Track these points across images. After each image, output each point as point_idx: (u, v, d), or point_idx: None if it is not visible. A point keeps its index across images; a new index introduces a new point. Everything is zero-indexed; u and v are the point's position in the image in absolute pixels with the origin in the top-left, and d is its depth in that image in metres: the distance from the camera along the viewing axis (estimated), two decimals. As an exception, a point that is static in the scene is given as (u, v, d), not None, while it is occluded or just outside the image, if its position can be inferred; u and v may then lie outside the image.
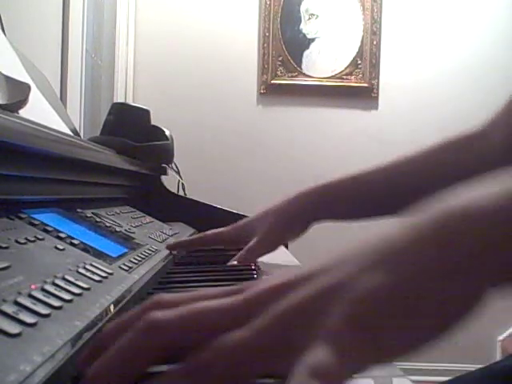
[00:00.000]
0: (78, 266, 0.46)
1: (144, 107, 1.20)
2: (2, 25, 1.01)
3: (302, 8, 2.50)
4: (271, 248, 0.75)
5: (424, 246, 0.25)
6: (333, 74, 2.51)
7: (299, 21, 2.50)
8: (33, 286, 0.36)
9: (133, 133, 1.12)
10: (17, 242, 0.44)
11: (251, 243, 0.73)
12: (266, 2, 2.47)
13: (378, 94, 2.53)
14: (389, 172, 0.73)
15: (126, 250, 0.64)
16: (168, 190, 1.23)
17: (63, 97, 1.57)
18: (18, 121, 0.52)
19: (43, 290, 0.37)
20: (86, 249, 0.53)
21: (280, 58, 2.50)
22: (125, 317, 0.30)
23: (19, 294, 0.34)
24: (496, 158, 0.64)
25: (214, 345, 0.25)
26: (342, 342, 0.23)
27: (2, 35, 0.92)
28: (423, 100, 2.54)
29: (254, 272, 0.66)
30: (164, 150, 1.19)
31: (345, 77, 2.51)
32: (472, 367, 0.48)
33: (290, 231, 0.75)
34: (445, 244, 0.25)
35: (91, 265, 0.49)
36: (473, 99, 2.54)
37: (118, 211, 0.86)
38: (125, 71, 2.38)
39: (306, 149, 2.53)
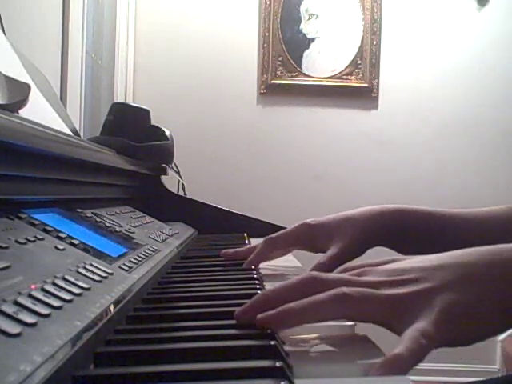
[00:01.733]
0: (78, 266, 0.46)
1: (144, 107, 1.20)
2: (2, 25, 1.01)
3: (302, 8, 2.50)
4: (345, 261, 0.68)
5: (487, 277, 0.40)
6: (333, 73, 2.51)
7: (299, 21, 2.50)
8: (33, 286, 0.36)
9: (133, 133, 1.12)
10: (17, 242, 0.44)
11: (326, 257, 0.67)
12: (265, 2, 2.47)
13: (377, 93, 2.53)
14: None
15: (125, 250, 0.64)
16: (168, 190, 1.23)
17: (63, 97, 1.57)
18: (18, 121, 0.52)
19: (43, 289, 0.37)
20: (86, 249, 0.53)
21: (280, 58, 2.50)
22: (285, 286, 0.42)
23: (19, 294, 0.34)
24: None
25: (363, 290, 0.40)
26: (439, 324, 0.37)
27: (2, 35, 0.92)
28: (423, 100, 2.54)
29: (254, 272, 0.67)
30: (164, 150, 1.19)
31: (345, 77, 2.51)
32: (472, 367, 0.48)
33: (366, 246, 0.69)
34: (500, 280, 0.40)
35: (91, 265, 0.49)
36: (472, 99, 2.54)
37: (118, 211, 0.86)
38: (125, 71, 2.38)
39: (306, 149, 2.53)
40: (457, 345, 0.39)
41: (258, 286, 0.57)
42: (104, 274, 0.48)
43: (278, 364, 0.32)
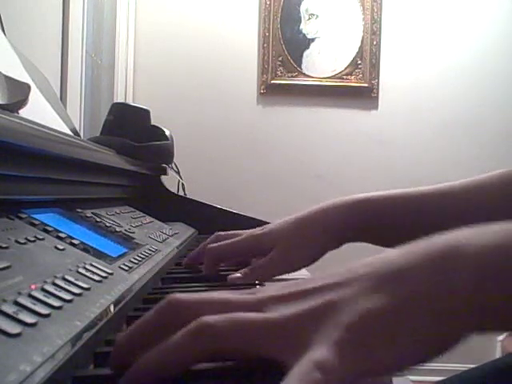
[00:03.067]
0: (78, 266, 0.46)
1: (144, 107, 1.20)
2: (2, 25, 1.01)
3: (302, 8, 2.50)
4: (286, 270, 0.62)
5: (417, 280, 0.29)
6: (333, 73, 2.51)
7: (299, 21, 2.50)
8: (33, 286, 0.36)
9: (133, 133, 1.12)
10: (17, 242, 0.44)
11: (261, 261, 0.62)
12: (265, 2, 2.47)
13: (377, 93, 2.53)
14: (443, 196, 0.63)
15: (125, 250, 0.64)
16: (168, 190, 1.23)
17: (63, 97, 1.57)
18: (18, 121, 0.52)
19: (43, 289, 0.37)
20: (86, 249, 0.53)
21: (280, 58, 2.50)
22: (144, 320, 0.32)
23: (19, 294, 0.34)
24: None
25: (234, 317, 0.29)
26: (345, 349, 0.27)
27: (2, 35, 0.92)
28: (423, 100, 2.54)
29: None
30: (164, 150, 1.19)
31: (345, 77, 2.51)
32: (472, 367, 0.48)
33: (316, 250, 0.62)
34: (437, 283, 0.28)
35: (91, 265, 0.49)
36: (472, 99, 2.54)
37: (118, 211, 0.86)
38: (125, 71, 2.38)
39: (306, 149, 2.53)
40: (378, 374, 0.28)
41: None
42: (104, 274, 0.48)
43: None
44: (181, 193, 1.33)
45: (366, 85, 2.51)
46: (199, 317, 0.29)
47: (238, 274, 0.60)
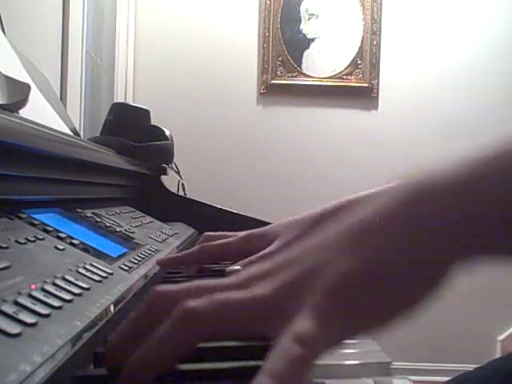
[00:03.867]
0: (78, 266, 0.46)
1: (144, 107, 1.20)
2: (2, 25, 1.01)
3: (302, 8, 2.50)
4: None
5: (389, 227, 0.28)
6: (333, 74, 2.51)
7: (299, 21, 2.50)
8: (33, 286, 0.36)
9: (133, 133, 1.12)
10: (17, 242, 0.44)
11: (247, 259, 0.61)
12: (265, 2, 2.47)
13: (377, 93, 2.53)
14: None
15: (125, 250, 0.64)
16: (168, 190, 1.23)
17: (63, 97, 1.57)
18: (17, 121, 0.52)
19: (43, 289, 0.37)
20: (86, 249, 0.53)
21: (280, 58, 2.50)
22: (134, 315, 0.32)
23: (19, 294, 0.34)
24: None
25: (215, 298, 0.28)
26: (324, 315, 0.26)
27: (2, 35, 0.92)
28: (423, 100, 2.54)
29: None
30: (164, 150, 1.19)
31: (345, 77, 2.51)
32: (472, 367, 0.48)
33: None
34: (408, 224, 0.28)
35: (91, 265, 0.49)
36: (473, 99, 2.54)
37: (118, 211, 0.86)
38: (125, 71, 2.38)
39: (306, 149, 2.53)
40: (361, 334, 0.28)
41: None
42: (104, 274, 0.48)
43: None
44: (181, 193, 1.33)
45: (366, 85, 2.51)
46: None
47: (237, 267, 0.59)
